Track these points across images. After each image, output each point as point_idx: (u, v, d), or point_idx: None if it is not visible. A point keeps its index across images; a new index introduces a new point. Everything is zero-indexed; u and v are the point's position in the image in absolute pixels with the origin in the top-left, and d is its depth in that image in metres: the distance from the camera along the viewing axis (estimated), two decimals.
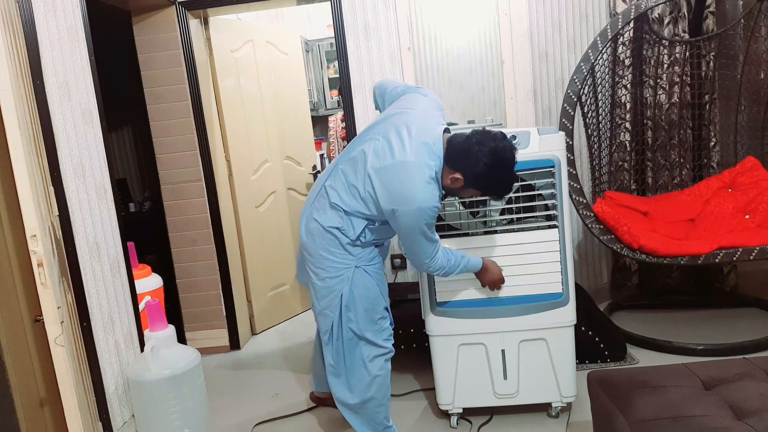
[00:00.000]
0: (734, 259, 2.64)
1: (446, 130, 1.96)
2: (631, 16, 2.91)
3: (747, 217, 3.03)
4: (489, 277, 2.15)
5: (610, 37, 2.89)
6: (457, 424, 2.36)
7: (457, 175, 1.88)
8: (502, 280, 2.17)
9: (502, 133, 1.89)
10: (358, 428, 2.15)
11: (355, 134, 3.22)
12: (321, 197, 2.05)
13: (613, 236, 2.81)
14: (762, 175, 3.12)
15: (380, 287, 2.09)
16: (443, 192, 1.96)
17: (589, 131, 3.15)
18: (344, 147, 3.51)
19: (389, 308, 2.15)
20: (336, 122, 4.46)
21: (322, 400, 2.58)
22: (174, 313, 3.40)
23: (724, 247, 2.67)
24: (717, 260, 2.65)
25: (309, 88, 4.56)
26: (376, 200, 1.89)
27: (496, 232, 2.24)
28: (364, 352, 2.07)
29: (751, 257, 2.61)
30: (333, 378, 2.13)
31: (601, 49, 2.90)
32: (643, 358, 2.74)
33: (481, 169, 1.82)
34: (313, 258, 2.04)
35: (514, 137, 2.13)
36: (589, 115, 3.13)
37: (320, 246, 2.02)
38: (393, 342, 2.14)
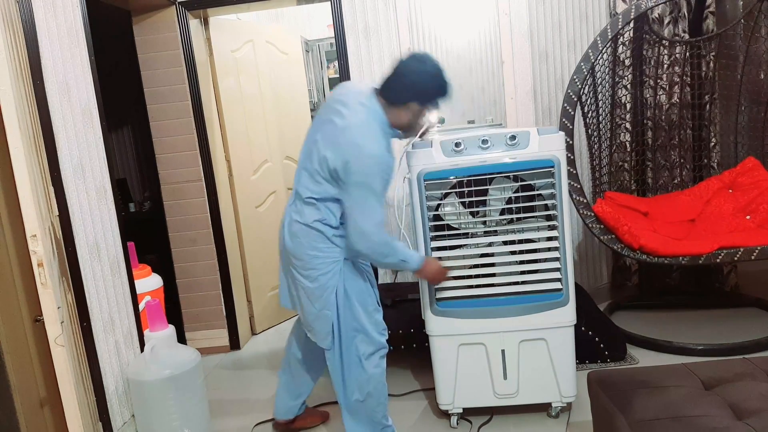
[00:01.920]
0: (735, 258, 2.64)
1: (376, 90, 2.00)
2: (631, 16, 2.91)
3: (748, 217, 3.03)
4: (430, 271, 2.10)
5: (610, 37, 2.89)
6: (457, 424, 2.36)
7: (409, 105, 1.93)
8: (443, 273, 2.13)
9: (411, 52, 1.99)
10: (358, 430, 2.15)
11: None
12: (295, 201, 2.06)
13: (613, 236, 2.81)
14: (762, 176, 3.12)
15: (369, 279, 2.11)
16: (405, 133, 2.04)
17: (589, 131, 3.15)
18: None
19: (380, 302, 2.16)
20: None
21: (286, 426, 2.46)
22: (174, 313, 3.40)
23: (725, 247, 2.67)
24: (718, 260, 2.65)
25: (309, 88, 4.56)
26: (334, 169, 1.90)
27: (496, 232, 2.24)
28: (360, 350, 2.06)
29: (753, 257, 2.61)
30: (336, 382, 2.13)
31: (601, 49, 2.90)
32: (643, 358, 2.74)
33: (421, 80, 1.90)
34: (302, 261, 2.03)
35: (513, 137, 2.13)
36: (589, 115, 3.13)
37: (307, 245, 2.01)
38: (387, 338, 2.14)
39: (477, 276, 2.25)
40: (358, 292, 2.05)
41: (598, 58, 2.99)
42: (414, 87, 1.92)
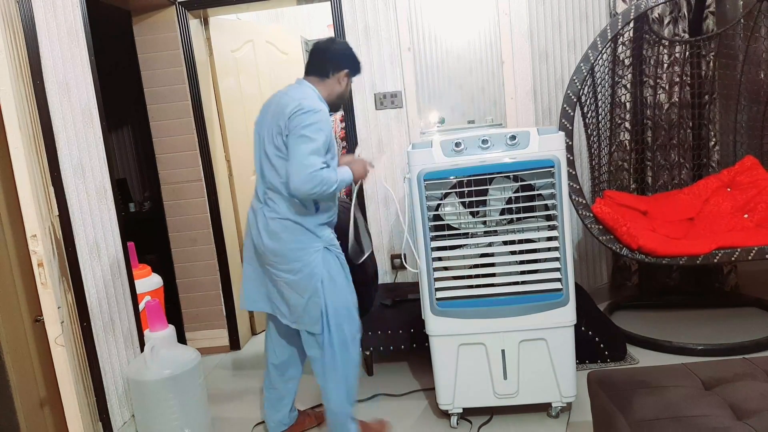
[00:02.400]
0: (732, 259, 2.64)
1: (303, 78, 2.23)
2: (631, 16, 2.91)
3: (746, 216, 3.03)
4: (358, 171, 2.19)
5: (609, 37, 2.89)
6: (457, 424, 2.36)
7: (337, 75, 2.17)
8: (364, 164, 2.24)
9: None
10: (336, 386, 2.15)
11: (355, 134, 3.23)
12: (267, 201, 2.10)
13: (612, 236, 2.82)
14: (761, 175, 3.12)
15: (345, 270, 2.16)
16: (339, 100, 2.24)
17: (589, 131, 3.15)
18: (344, 147, 3.53)
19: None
20: (335, 122, 4.46)
21: None
22: (174, 313, 3.40)
23: (722, 247, 2.67)
24: (716, 260, 2.65)
25: None
26: (286, 135, 2.01)
27: (496, 232, 2.24)
28: (346, 331, 2.12)
29: (750, 257, 2.61)
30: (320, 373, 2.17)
31: (600, 49, 2.90)
32: (643, 358, 2.74)
33: (339, 49, 2.21)
34: (284, 257, 2.05)
35: (513, 137, 2.13)
36: (588, 116, 3.13)
37: (289, 240, 2.05)
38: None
39: (477, 276, 2.25)
40: (340, 275, 2.12)
41: (598, 58, 2.99)
42: (335, 57, 2.18)
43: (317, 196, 1.98)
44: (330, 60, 2.17)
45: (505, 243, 2.23)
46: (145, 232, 3.61)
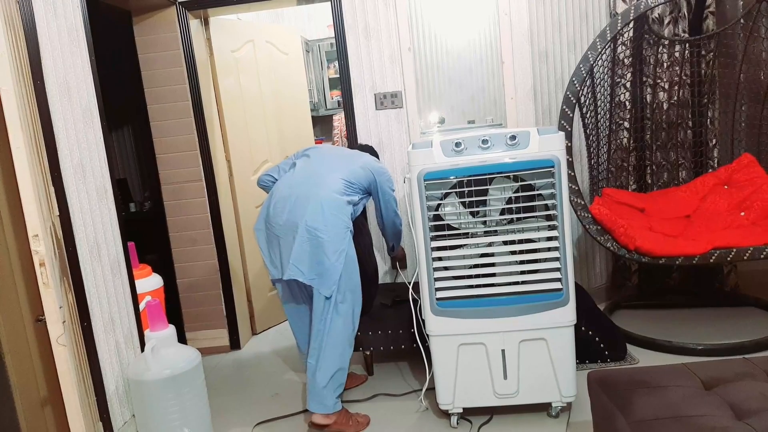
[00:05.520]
0: (728, 259, 2.65)
1: None
2: (631, 17, 2.91)
3: (742, 214, 3.04)
4: (401, 253, 2.91)
5: (609, 37, 2.89)
6: (457, 424, 2.37)
7: None
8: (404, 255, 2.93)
9: None
10: (333, 360, 2.38)
11: (356, 134, 3.23)
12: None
13: (609, 237, 2.82)
14: (758, 173, 3.12)
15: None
16: None
17: (588, 131, 3.16)
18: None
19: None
20: (341, 121, 4.47)
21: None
22: (174, 313, 3.40)
23: (718, 247, 2.67)
24: (712, 260, 2.65)
25: (309, 88, 4.56)
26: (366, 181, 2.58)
27: (496, 232, 2.25)
28: (355, 308, 2.44)
29: (745, 257, 2.62)
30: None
31: (600, 49, 2.90)
32: (643, 358, 2.75)
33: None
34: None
35: (513, 137, 2.13)
36: (588, 116, 3.13)
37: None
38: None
39: (477, 276, 2.25)
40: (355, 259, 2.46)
41: (597, 58, 2.99)
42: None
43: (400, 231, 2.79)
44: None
45: (505, 243, 2.23)
46: (145, 232, 3.61)
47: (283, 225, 2.40)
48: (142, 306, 2.58)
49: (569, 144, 2.78)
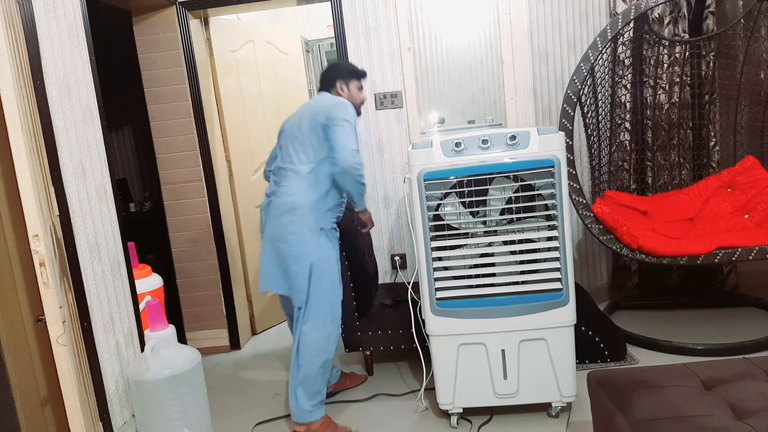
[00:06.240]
0: (733, 258, 2.65)
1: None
2: (631, 17, 2.91)
3: (746, 216, 3.04)
4: (367, 215, 2.58)
5: (609, 37, 2.89)
6: (457, 424, 2.37)
7: (341, 85, 2.54)
8: (371, 220, 2.62)
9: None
10: (305, 367, 2.37)
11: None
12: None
13: (612, 236, 2.82)
14: (761, 175, 3.12)
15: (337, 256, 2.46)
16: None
17: (589, 131, 3.15)
18: None
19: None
20: None
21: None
22: (174, 313, 3.40)
23: (723, 247, 2.67)
24: (716, 260, 2.65)
25: (309, 88, 4.56)
26: (324, 125, 2.35)
27: (496, 232, 2.25)
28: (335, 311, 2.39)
29: (750, 257, 2.61)
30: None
31: (600, 49, 2.90)
32: (643, 358, 2.75)
33: (340, 66, 2.63)
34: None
35: (513, 137, 2.13)
36: (588, 115, 3.13)
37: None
38: None
39: (477, 276, 2.25)
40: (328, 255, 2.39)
41: (598, 58, 2.99)
42: (336, 71, 2.57)
43: (355, 172, 2.29)
44: (332, 76, 2.55)
45: (505, 243, 2.23)
46: (145, 232, 3.61)
47: (264, 236, 2.46)
48: (142, 306, 2.58)
49: (570, 143, 2.78)
